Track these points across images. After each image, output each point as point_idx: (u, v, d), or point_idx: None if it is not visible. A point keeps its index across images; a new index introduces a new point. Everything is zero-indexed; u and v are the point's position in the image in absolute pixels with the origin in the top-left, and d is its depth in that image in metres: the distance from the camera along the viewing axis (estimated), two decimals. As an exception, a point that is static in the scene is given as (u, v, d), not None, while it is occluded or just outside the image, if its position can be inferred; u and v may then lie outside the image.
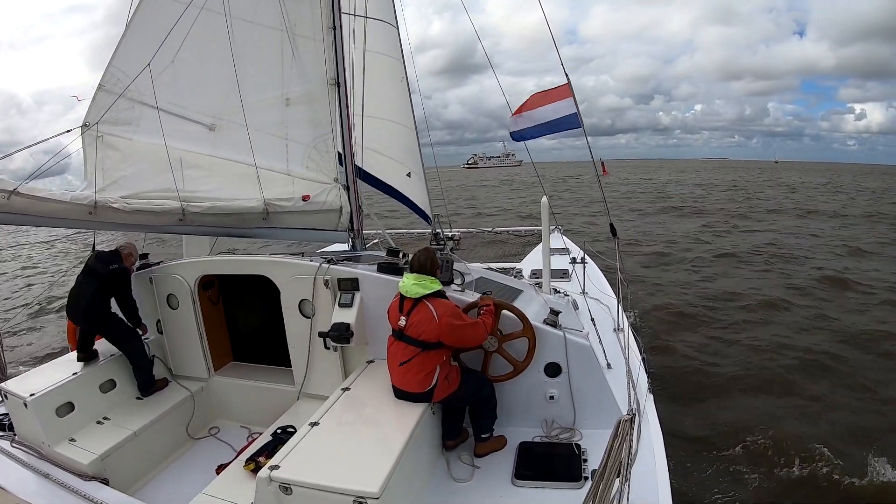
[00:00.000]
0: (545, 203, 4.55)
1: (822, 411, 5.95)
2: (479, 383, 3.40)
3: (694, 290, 11.16)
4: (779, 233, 19.10)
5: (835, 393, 6.39)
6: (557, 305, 3.87)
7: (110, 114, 4.57)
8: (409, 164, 6.14)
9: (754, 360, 7.35)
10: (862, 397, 6.29)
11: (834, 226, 21.06)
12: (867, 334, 8.13)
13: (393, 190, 6.04)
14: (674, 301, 10.09)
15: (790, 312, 9.40)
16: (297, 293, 3.91)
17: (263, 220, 4.37)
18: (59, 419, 3.58)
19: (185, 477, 3.71)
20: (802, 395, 6.36)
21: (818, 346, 7.79)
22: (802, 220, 23.19)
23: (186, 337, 4.34)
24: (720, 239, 18.19)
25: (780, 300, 10.02)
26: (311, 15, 4.40)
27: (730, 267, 13.49)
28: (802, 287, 11.09)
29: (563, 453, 3.24)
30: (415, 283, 3.19)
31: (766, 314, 9.33)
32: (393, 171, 5.98)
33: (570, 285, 5.90)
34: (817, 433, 5.43)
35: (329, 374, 3.92)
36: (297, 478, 2.49)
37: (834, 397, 6.29)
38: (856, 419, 5.75)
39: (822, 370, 7.00)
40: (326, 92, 4.43)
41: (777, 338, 8.09)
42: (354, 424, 3.16)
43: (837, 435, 5.37)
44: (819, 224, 21.56)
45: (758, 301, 10.02)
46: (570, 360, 3.45)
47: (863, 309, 9.61)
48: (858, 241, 16.90)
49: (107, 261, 4.15)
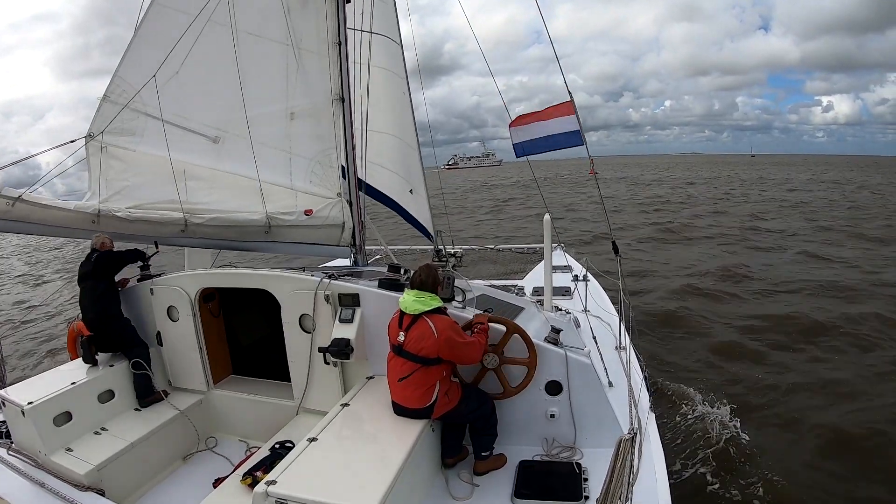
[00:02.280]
0: (547, 220, 4.56)
1: (826, 432, 5.90)
2: (479, 400, 3.39)
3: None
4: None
5: (844, 418, 6.31)
6: (559, 323, 3.86)
7: (115, 124, 4.61)
8: (411, 180, 6.17)
9: (761, 373, 7.31)
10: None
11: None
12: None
13: (396, 204, 6.06)
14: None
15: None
16: (298, 308, 3.90)
17: (266, 234, 4.39)
18: (57, 428, 3.57)
19: (181, 490, 3.68)
20: (806, 410, 6.32)
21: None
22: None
23: (186, 349, 4.32)
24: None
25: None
26: (316, 30, 4.46)
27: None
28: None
29: (563, 472, 3.22)
30: (415, 299, 3.19)
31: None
32: (396, 186, 6.01)
33: (572, 303, 5.89)
34: (821, 451, 5.40)
35: (328, 390, 3.91)
36: (295, 493, 2.47)
37: (843, 421, 6.22)
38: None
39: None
40: (331, 107, 4.47)
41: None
42: (353, 440, 3.15)
43: (846, 467, 5.28)
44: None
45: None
46: (572, 378, 3.44)
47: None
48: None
49: (88, 258, 4.30)
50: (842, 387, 6.96)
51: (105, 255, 4.30)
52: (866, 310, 9.71)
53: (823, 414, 6.27)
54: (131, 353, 4.20)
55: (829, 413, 6.36)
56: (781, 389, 6.91)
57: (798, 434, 5.88)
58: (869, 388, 6.85)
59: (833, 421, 6.09)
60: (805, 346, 8.39)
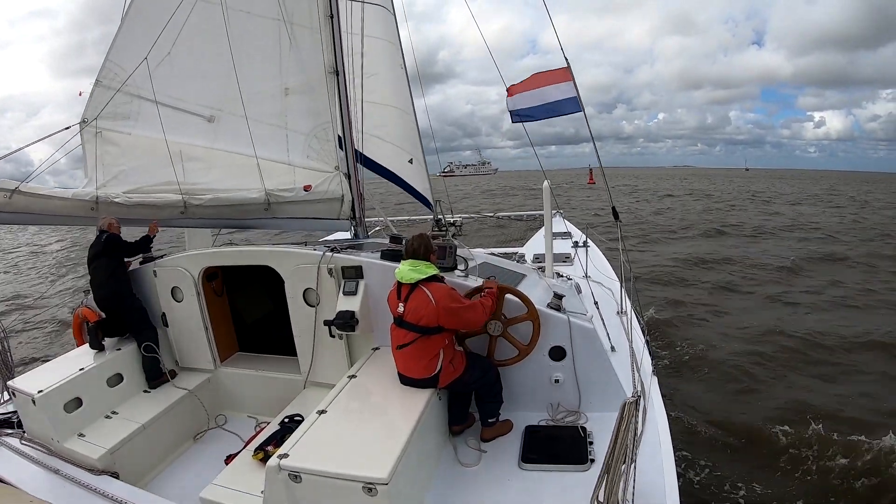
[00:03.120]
0: (546, 187, 4.53)
1: (832, 386, 5.89)
2: (484, 368, 3.40)
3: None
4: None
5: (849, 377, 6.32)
6: (561, 289, 3.85)
7: (109, 109, 4.57)
8: (409, 149, 6.12)
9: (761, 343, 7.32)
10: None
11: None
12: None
13: (394, 176, 6.02)
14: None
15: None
16: (302, 282, 3.91)
17: (265, 211, 4.37)
18: (68, 415, 3.60)
19: (194, 468, 3.73)
20: (811, 374, 6.34)
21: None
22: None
23: (192, 329, 4.35)
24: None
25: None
26: (308, 4, 4.37)
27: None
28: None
29: (568, 436, 3.24)
30: (410, 268, 3.18)
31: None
32: (395, 158, 5.96)
33: (572, 269, 5.88)
34: (822, 406, 5.44)
35: (335, 362, 3.93)
36: (307, 466, 2.49)
37: (846, 381, 6.23)
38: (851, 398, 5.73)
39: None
40: (325, 80, 4.41)
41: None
42: (361, 411, 3.17)
43: (856, 421, 5.28)
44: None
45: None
46: (575, 343, 3.44)
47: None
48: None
49: (98, 238, 4.28)
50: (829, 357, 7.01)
51: (115, 237, 4.29)
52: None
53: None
54: (141, 336, 4.22)
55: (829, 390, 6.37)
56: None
57: (803, 397, 5.92)
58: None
59: (826, 400, 6.10)
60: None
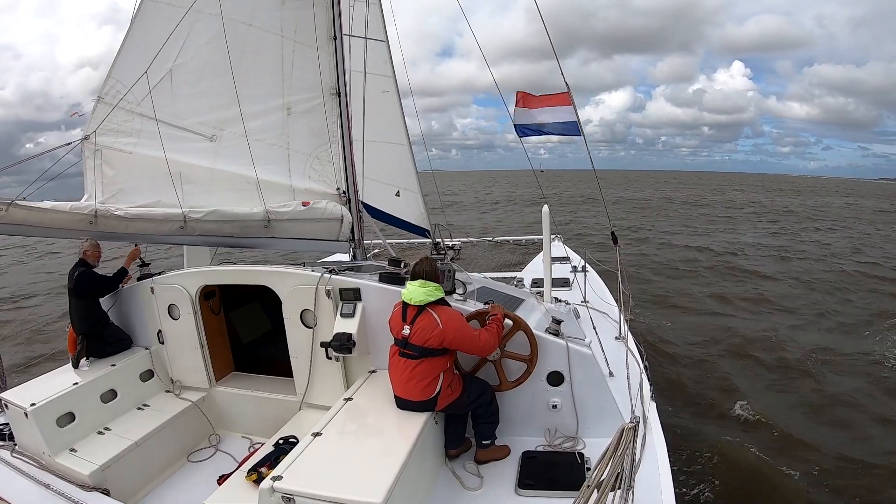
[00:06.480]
0: (546, 212, 4.56)
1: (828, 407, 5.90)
2: (479, 389, 3.40)
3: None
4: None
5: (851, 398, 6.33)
6: (559, 314, 3.87)
7: (111, 125, 4.58)
8: (398, 181, 5.98)
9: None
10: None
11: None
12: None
13: (382, 213, 5.89)
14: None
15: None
16: (299, 303, 3.90)
17: (265, 229, 4.36)
18: (60, 429, 3.56)
19: (186, 487, 3.69)
20: (816, 401, 6.35)
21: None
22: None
23: (187, 347, 4.32)
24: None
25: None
26: (310, 24, 4.40)
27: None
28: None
29: (566, 462, 3.23)
30: (421, 289, 3.18)
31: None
32: (379, 194, 5.79)
33: (571, 294, 5.90)
34: (826, 436, 5.45)
35: (331, 384, 3.91)
36: (300, 488, 2.47)
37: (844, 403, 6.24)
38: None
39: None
40: (327, 101, 4.43)
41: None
42: (357, 434, 3.16)
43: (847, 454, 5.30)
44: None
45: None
46: (573, 368, 3.45)
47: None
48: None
49: (71, 273, 4.33)
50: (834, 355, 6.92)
51: (87, 275, 4.32)
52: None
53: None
54: (110, 349, 4.35)
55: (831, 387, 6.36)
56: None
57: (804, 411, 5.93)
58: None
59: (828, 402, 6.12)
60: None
